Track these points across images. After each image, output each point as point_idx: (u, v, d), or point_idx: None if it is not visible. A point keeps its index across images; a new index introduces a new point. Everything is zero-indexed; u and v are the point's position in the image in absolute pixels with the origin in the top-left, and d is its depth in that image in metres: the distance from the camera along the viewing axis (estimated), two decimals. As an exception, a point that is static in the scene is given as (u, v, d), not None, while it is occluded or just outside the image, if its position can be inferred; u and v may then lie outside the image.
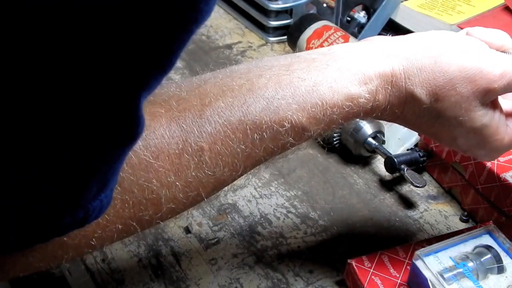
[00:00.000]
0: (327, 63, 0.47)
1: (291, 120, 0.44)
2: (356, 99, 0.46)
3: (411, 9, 0.90)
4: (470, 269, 0.54)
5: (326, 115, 0.46)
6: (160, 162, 0.40)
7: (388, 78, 0.47)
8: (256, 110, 0.44)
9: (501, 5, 0.86)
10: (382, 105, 0.48)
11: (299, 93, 0.45)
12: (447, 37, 0.50)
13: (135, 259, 0.61)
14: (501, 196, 0.62)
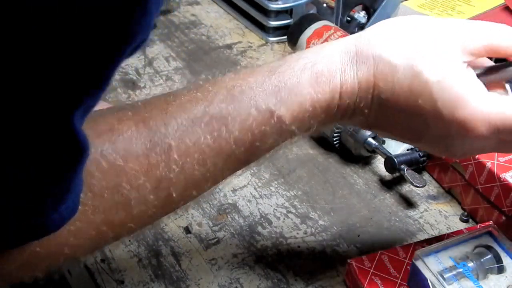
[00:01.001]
0: (300, 58, 0.46)
1: (260, 107, 0.43)
2: (321, 72, 0.44)
3: (411, 9, 0.90)
4: (470, 269, 0.54)
5: (292, 95, 0.44)
6: (130, 164, 0.39)
7: (349, 50, 0.45)
8: (219, 99, 0.43)
9: (501, 5, 0.86)
10: (352, 77, 0.45)
11: (268, 82, 0.44)
12: (417, 21, 0.46)
13: (135, 259, 0.61)
14: (501, 196, 0.62)
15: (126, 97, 0.85)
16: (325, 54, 0.45)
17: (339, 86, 0.45)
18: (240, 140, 0.43)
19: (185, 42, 0.98)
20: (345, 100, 0.45)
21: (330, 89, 0.44)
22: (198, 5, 1.08)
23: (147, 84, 0.88)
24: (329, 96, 0.45)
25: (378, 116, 0.46)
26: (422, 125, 0.45)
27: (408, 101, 0.44)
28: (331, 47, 0.46)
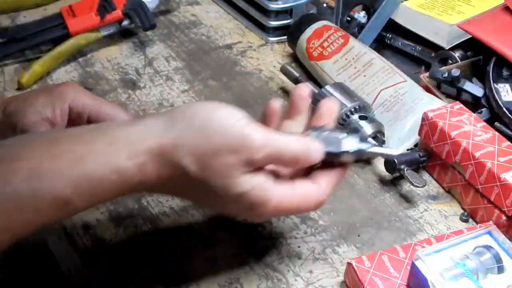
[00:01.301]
0: (97, 136, 0.49)
1: (55, 192, 0.45)
2: (124, 172, 0.47)
3: (411, 9, 0.90)
4: (470, 269, 0.54)
5: (91, 188, 0.47)
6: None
7: (156, 152, 0.48)
8: (17, 181, 0.45)
9: (501, 5, 0.86)
10: (151, 177, 0.49)
11: (64, 165, 0.46)
12: (212, 109, 0.51)
13: (135, 259, 0.61)
14: (501, 196, 0.62)
15: (126, 97, 0.85)
16: (131, 154, 0.48)
17: (140, 182, 0.49)
18: (30, 222, 0.46)
19: (185, 42, 0.98)
20: (143, 191, 0.53)
21: (129, 185, 0.49)
22: (198, 5, 1.08)
23: (147, 84, 0.88)
24: (127, 191, 0.49)
25: (175, 194, 0.55)
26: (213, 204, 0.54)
27: (202, 199, 0.53)
28: (138, 144, 0.49)
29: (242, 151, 0.49)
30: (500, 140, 0.67)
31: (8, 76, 0.88)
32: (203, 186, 0.50)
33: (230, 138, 0.49)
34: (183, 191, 0.52)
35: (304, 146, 0.52)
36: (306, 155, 0.52)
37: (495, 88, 0.76)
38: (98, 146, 0.48)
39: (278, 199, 0.52)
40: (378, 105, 0.79)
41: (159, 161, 0.49)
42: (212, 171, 0.49)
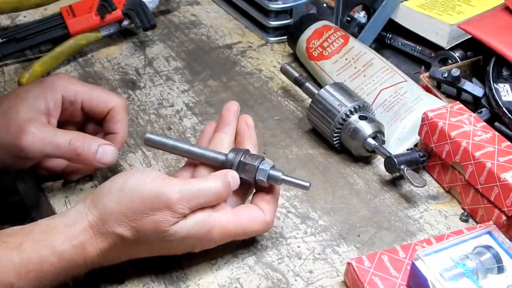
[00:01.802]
0: (33, 227, 0.54)
1: (1, 281, 0.49)
2: (62, 254, 0.52)
3: (411, 9, 0.90)
4: (470, 269, 0.54)
5: (34, 271, 0.51)
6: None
7: (88, 230, 0.54)
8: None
9: (501, 5, 0.86)
10: (94, 253, 0.54)
11: (3, 254, 0.50)
12: (130, 174, 0.56)
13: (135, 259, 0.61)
14: (501, 196, 0.62)
15: (126, 97, 0.85)
16: (66, 237, 0.53)
17: (83, 262, 0.54)
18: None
19: (185, 42, 0.98)
20: (91, 266, 0.55)
21: (73, 267, 0.53)
22: (198, 5, 1.08)
23: (147, 84, 0.88)
24: (74, 271, 0.54)
25: (129, 257, 0.57)
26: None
27: (155, 249, 0.57)
28: (70, 228, 0.54)
29: (163, 207, 0.54)
30: (500, 140, 0.67)
31: (8, 76, 0.88)
32: (147, 245, 0.55)
33: (147, 199, 0.54)
34: (134, 252, 0.57)
35: (220, 180, 0.57)
36: (226, 187, 0.57)
37: (495, 88, 0.76)
38: (35, 235, 0.53)
39: (221, 223, 0.57)
40: (378, 105, 0.79)
41: (94, 237, 0.54)
42: (145, 231, 0.54)
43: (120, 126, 0.68)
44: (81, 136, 0.62)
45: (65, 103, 0.65)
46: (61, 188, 0.69)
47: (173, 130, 0.79)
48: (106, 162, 0.63)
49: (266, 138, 0.78)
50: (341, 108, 0.73)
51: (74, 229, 0.54)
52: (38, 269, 0.52)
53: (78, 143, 0.61)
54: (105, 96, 0.67)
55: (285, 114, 0.83)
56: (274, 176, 0.59)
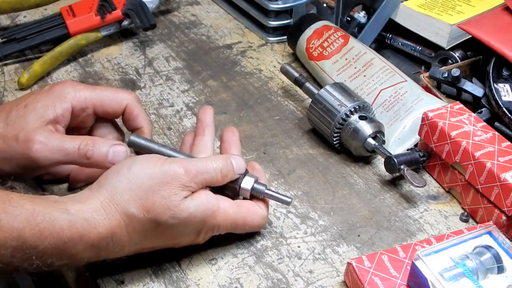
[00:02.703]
0: (43, 196, 0.54)
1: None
2: (74, 222, 0.52)
3: (411, 9, 0.90)
4: (470, 269, 0.54)
5: (42, 222, 0.50)
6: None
7: (101, 210, 0.54)
8: None
9: (501, 5, 0.86)
10: (105, 235, 0.54)
11: (15, 196, 0.51)
12: (132, 159, 0.58)
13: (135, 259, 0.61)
14: (501, 196, 0.62)
15: (126, 97, 0.84)
16: (81, 209, 0.53)
17: (92, 239, 0.53)
18: None
19: (185, 42, 0.98)
20: (95, 249, 0.55)
21: (81, 241, 0.53)
22: (198, 5, 1.08)
23: (147, 84, 0.88)
24: (79, 247, 0.53)
25: (135, 246, 0.57)
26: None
27: (161, 236, 0.58)
28: (86, 206, 0.54)
29: (171, 180, 0.55)
30: (500, 140, 0.67)
31: (8, 76, 0.88)
32: (157, 225, 0.56)
33: (156, 176, 0.55)
34: (141, 239, 0.56)
35: (221, 159, 0.59)
36: (228, 167, 0.59)
37: (495, 88, 0.76)
38: (48, 198, 0.54)
39: (225, 208, 0.59)
40: (378, 105, 0.79)
41: (106, 218, 0.54)
42: (156, 209, 0.55)
43: (141, 120, 0.68)
44: (90, 140, 0.62)
45: (76, 111, 0.65)
46: (61, 188, 0.69)
47: (173, 130, 0.79)
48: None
49: (266, 138, 0.78)
50: (341, 108, 0.73)
51: (87, 206, 0.54)
52: (47, 226, 0.50)
53: (87, 147, 0.61)
54: (115, 96, 0.67)
55: (285, 114, 0.83)
56: (256, 189, 0.61)
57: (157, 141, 0.75)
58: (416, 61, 0.92)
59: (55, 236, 0.51)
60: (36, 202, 0.51)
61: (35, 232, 0.50)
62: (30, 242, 0.50)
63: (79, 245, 0.53)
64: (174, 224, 0.56)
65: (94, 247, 0.54)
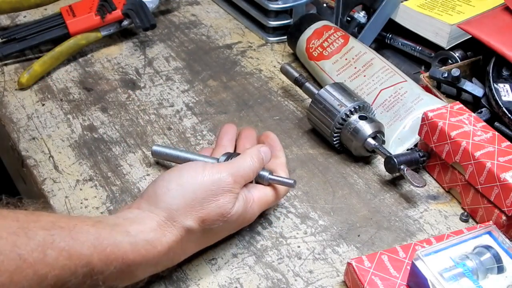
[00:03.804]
0: (101, 217, 0.57)
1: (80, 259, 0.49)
2: (136, 244, 0.53)
3: (411, 9, 0.90)
4: (470, 269, 0.54)
5: (108, 246, 0.51)
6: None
7: (157, 229, 0.55)
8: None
9: (501, 5, 0.86)
10: (163, 251, 0.55)
11: (79, 223, 0.51)
12: (178, 172, 0.58)
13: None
14: (501, 196, 0.62)
15: (126, 97, 0.85)
16: (141, 230, 0.54)
17: (152, 257, 0.54)
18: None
19: (185, 42, 0.98)
20: (156, 264, 0.56)
21: (143, 260, 0.53)
22: (198, 5, 1.08)
23: (147, 84, 0.88)
24: (141, 268, 0.54)
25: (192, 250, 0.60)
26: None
27: (213, 238, 0.61)
28: (143, 226, 0.54)
29: (223, 191, 0.57)
30: (500, 140, 0.67)
31: (8, 76, 0.88)
32: (209, 233, 0.59)
33: (208, 187, 0.57)
34: (196, 245, 0.59)
35: (256, 157, 0.62)
36: (260, 163, 0.62)
37: (495, 88, 0.76)
38: (108, 220, 0.54)
39: (257, 196, 0.62)
40: (378, 105, 0.79)
41: (163, 236, 0.55)
42: (211, 218, 0.57)
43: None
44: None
45: None
46: (61, 188, 0.69)
47: (173, 130, 0.79)
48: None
49: (266, 138, 0.78)
50: (341, 108, 0.73)
51: (145, 226, 0.54)
52: (113, 250, 0.51)
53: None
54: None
55: (285, 114, 0.83)
56: (261, 176, 0.63)
57: (170, 145, 0.76)
58: (416, 61, 0.92)
59: (119, 260, 0.51)
60: (98, 226, 0.52)
61: (102, 258, 0.50)
62: (98, 268, 0.50)
63: (142, 265, 0.54)
64: (225, 227, 0.59)
65: (154, 265, 0.55)
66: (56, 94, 0.85)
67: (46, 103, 0.83)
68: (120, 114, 0.81)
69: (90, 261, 0.49)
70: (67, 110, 0.82)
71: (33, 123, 0.79)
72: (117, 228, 0.53)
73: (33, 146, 0.75)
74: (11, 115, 0.80)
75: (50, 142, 0.76)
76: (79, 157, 0.74)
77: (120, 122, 0.80)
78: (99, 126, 0.79)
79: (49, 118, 0.80)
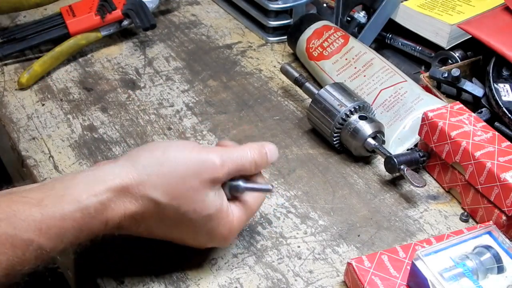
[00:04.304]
0: (54, 183, 0.52)
1: (21, 236, 0.47)
2: (87, 209, 0.50)
3: (411, 9, 0.90)
4: (470, 269, 0.54)
5: (56, 228, 0.49)
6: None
7: (120, 189, 0.52)
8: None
9: (501, 5, 0.86)
10: (117, 213, 0.52)
11: (29, 214, 0.48)
12: (168, 143, 0.57)
13: (136, 259, 0.61)
14: (501, 196, 0.62)
15: (126, 97, 0.85)
16: (92, 192, 0.51)
17: (105, 221, 0.52)
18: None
19: (185, 42, 0.98)
20: (110, 228, 0.53)
21: (95, 225, 0.51)
22: (198, 5, 1.08)
23: (147, 84, 0.88)
24: (95, 230, 0.52)
25: (145, 231, 0.56)
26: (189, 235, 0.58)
27: (175, 229, 0.56)
28: (99, 183, 0.52)
29: (205, 172, 0.54)
30: (500, 140, 0.67)
31: (8, 76, 0.88)
32: (175, 215, 0.54)
33: (191, 165, 0.54)
34: (153, 226, 0.55)
35: (257, 150, 0.58)
36: (261, 158, 0.58)
37: (495, 88, 0.76)
38: (57, 190, 0.51)
39: (238, 218, 0.58)
40: (378, 105, 0.79)
41: (124, 197, 0.52)
42: (182, 198, 0.54)
43: None
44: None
45: None
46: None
47: (173, 130, 0.79)
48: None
49: (266, 138, 0.78)
50: (341, 108, 0.73)
51: (104, 185, 0.52)
52: (60, 225, 0.49)
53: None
54: None
55: (285, 114, 0.83)
56: (235, 186, 0.58)
57: None
58: (416, 61, 0.92)
59: (69, 230, 0.50)
60: (43, 203, 0.49)
61: (51, 236, 0.49)
62: (50, 246, 0.49)
63: (94, 227, 0.51)
64: (192, 219, 0.55)
65: (108, 225, 0.52)
66: (56, 94, 0.85)
67: (46, 103, 0.83)
68: (120, 114, 0.81)
69: (39, 243, 0.48)
70: (67, 110, 0.82)
71: (33, 123, 0.79)
72: (66, 197, 0.50)
73: (33, 146, 0.75)
74: (11, 115, 0.80)
75: (50, 142, 0.76)
76: (79, 157, 0.74)
77: (120, 122, 0.80)
78: (99, 126, 0.79)
79: (49, 118, 0.80)
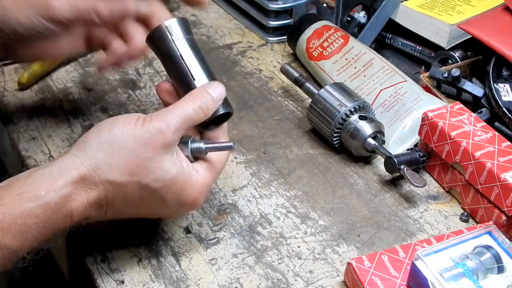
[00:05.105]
0: (12, 182, 0.51)
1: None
2: (48, 205, 0.50)
3: (411, 9, 0.90)
4: (470, 269, 0.54)
5: (18, 225, 0.49)
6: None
7: (78, 180, 0.52)
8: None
9: (501, 5, 0.86)
10: (82, 205, 0.52)
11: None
12: (111, 120, 0.56)
13: (135, 259, 0.61)
14: (501, 196, 0.62)
15: (126, 97, 0.85)
16: (51, 187, 0.51)
17: (69, 214, 0.52)
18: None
19: (185, 42, 0.97)
20: (77, 220, 0.53)
21: (59, 219, 0.51)
22: (198, 5, 1.08)
23: (147, 84, 0.87)
24: (60, 224, 0.51)
25: (114, 214, 0.56)
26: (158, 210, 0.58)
27: (142, 203, 0.56)
28: (56, 178, 0.51)
29: (154, 140, 0.53)
30: (500, 140, 0.67)
31: (8, 76, 0.88)
32: (139, 190, 0.54)
33: (139, 137, 0.54)
34: (120, 207, 0.55)
35: (200, 95, 0.57)
36: (208, 99, 0.57)
37: (495, 88, 0.76)
38: (14, 188, 0.50)
39: (203, 178, 0.57)
40: (378, 105, 0.79)
41: (84, 187, 0.52)
42: (139, 171, 0.53)
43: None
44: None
45: None
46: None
47: (173, 130, 0.79)
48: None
49: (266, 138, 0.78)
50: (341, 108, 0.73)
51: (62, 179, 0.51)
52: (21, 223, 0.49)
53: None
54: None
55: (285, 114, 0.83)
56: (197, 148, 0.58)
57: None
58: (416, 61, 0.92)
59: (32, 226, 0.49)
60: (2, 203, 0.49)
61: (15, 235, 0.49)
62: (14, 245, 0.49)
63: (58, 221, 0.51)
64: (156, 189, 0.55)
65: (73, 216, 0.52)
66: (56, 94, 0.85)
67: (46, 103, 0.83)
68: (120, 114, 0.81)
69: (3, 243, 0.48)
70: (67, 110, 0.82)
71: (33, 123, 0.79)
72: (24, 195, 0.50)
73: (33, 146, 0.75)
74: (11, 115, 0.80)
75: (50, 142, 0.76)
76: (79, 157, 0.74)
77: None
78: (99, 126, 0.79)
79: (49, 118, 0.80)
